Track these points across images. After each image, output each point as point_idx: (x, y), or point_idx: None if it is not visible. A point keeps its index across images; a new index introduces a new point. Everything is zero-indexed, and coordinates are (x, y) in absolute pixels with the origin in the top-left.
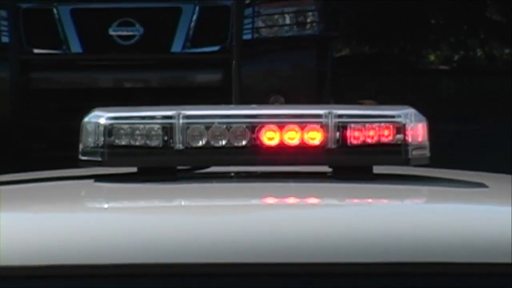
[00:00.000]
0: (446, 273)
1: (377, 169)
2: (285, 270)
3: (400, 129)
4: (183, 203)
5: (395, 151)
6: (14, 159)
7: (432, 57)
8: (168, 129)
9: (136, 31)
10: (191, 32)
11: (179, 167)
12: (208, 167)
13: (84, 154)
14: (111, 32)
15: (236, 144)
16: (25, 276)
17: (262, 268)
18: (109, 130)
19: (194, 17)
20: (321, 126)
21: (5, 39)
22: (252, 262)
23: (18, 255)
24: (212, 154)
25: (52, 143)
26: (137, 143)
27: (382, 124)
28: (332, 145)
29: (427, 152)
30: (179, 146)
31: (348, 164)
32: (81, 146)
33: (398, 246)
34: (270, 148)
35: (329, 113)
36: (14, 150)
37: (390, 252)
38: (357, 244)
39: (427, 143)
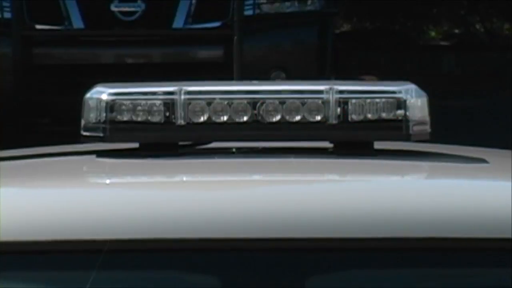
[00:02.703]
0: (447, 248)
1: (378, 145)
2: (286, 245)
3: (401, 104)
4: (184, 178)
5: (396, 127)
6: (17, 134)
7: (433, 33)
8: (169, 105)
9: (138, 6)
10: (192, 8)
11: (180, 143)
12: (209, 142)
13: (86, 129)
14: (113, 7)
15: (237, 119)
16: (26, 251)
17: (264, 243)
18: (111, 106)
19: None
20: (322, 102)
21: (7, 15)
22: (253, 237)
23: (19, 230)
24: (214, 129)
25: (55, 119)
26: (139, 119)
27: (383, 99)
28: (333, 121)
29: (427, 128)
30: (181, 121)
31: (349, 140)
32: (83, 122)
33: (399, 222)
34: (271, 123)
35: (330, 89)
36: (17, 125)
37: (391, 227)
38: (358, 219)
39: (427, 118)
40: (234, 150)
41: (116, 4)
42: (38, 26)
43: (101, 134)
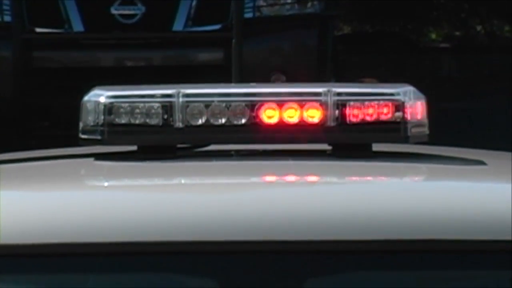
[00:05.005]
0: (446, 250)
1: (376, 147)
2: (284, 248)
3: (399, 106)
4: (182, 181)
5: (394, 129)
6: (17, 137)
7: (433, 35)
8: (168, 108)
9: (138, 9)
10: (192, 11)
11: (178, 146)
12: (207, 145)
13: (84, 132)
14: (113, 10)
15: (235, 122)
16: (25, 254)
17: (262, 246)
18: (109, 109)
19: None
20: (320, 104)
21: (7, 18)
22: (251, 240)
23: (18, 233)
24: (212, 132)
25: (54, 122)
26: (137, 122)
27: (381, 102)
28: (331, 123)
29: (426, 130)
30: (179, 124)
31: (347, 142)
32: (81, 125)
33: (397, 224)
34: (269, 126)
35: (328, 91)
36: (16, 128)
37: (389, 230)
38: (356, 221)
39: (426, 120)
40: (232, 152)
41: (116, 7)
42: (38, 29)
43: (99, 137)
